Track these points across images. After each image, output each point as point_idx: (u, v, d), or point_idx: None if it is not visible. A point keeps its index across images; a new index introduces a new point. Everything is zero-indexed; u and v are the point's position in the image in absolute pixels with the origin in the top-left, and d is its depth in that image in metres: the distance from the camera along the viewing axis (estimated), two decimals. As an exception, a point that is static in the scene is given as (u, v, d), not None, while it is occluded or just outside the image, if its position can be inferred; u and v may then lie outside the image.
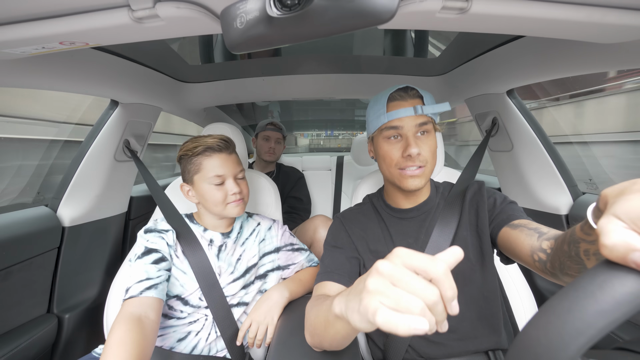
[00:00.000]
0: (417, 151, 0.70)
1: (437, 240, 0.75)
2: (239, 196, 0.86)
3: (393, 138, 0.73)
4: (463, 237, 0.76)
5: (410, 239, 0.79)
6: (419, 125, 0.71)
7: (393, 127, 0.72)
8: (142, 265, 0.77)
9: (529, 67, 0.97)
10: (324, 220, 1.46)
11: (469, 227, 0.77)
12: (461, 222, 0.77)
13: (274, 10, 0.41)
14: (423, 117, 0.71)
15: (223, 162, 0.85)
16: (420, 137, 0.72)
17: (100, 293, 1.29)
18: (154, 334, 0.69)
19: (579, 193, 1.19)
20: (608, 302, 0.25)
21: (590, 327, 0.25)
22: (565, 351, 0.25)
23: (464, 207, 0.78)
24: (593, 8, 0.55)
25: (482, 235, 0.74)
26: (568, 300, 0.27)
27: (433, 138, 0.74)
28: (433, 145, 0.73)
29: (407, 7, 0.53)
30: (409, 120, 0.71)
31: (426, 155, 0.72)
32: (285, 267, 0.97)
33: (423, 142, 0.72)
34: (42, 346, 1.03)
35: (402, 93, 0.73)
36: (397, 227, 0.81)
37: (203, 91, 1.50)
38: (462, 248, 0.69)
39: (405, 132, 0.71)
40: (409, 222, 0.81)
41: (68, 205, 1.17)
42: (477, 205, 0.77)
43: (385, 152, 0.74)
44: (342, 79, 1.48)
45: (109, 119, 1.21)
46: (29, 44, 0.60)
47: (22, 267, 1.00)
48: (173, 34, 0.61)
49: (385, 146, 0.74)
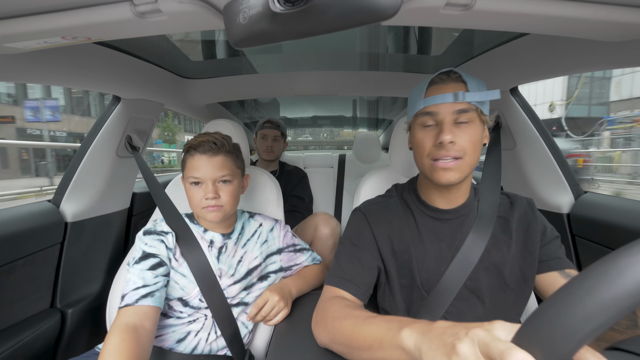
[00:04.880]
0: (450, 138, 0.61)
1: (468, 251, 0.68)
2: (212, 202, 0.80)
3: (429, 126, 0.66)
4: (502, 253, 0.69)
5: (443, 243, 0.71)
6: (457, 113, 0.63)
7: (428, 113, 0.65)
8: (138, 271, 0.76)
9: (533, 65, 0.96)
10: (324, 217, 1.46)
11: (514, 245, 0.69)
12: (504, 237, 0.70)
13: (277, 6, 0.41)
14: (463, 104, 0.63)
15: (202, 164, 0.81)
16: (459, 126, 0.64)
17: (103, 288, 1.30)
18: (149, 343, 0.68)
19: (580, 192, 1.19)
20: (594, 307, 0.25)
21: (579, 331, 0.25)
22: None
23: (511, 222, 0.71)
24: (598, 6, 0.54)
25: (529, 258, 0.68)
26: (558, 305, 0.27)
27: (476, 129, 0.64)
28: (475, 136, 0.64)
29: (410, 3, 0.52)
30: (446, 106, 0.63)
31: (464, 146, 0.63)
32: (287, 269, 0.97)
33: (462, 131, 0.63)
34: (45, 340, 1.04)
35: (443, 77, 0.66)
36: (430, 227, 0.73)
37: (205, 87, 1.50)
38: (497, 264, 0.68)
39: (441, 119, 0.64)
40: (445, 225, 0.72)
41: (71, 200, 1.18)
42: (528, 226, 0.70)
43: (418, 141, 0.68)
44: (345, 76, 1.48)
45: (111, 115, 1.21)
46: (31, 38, 0.60)
47: (25, 262, 1.00)
48: (175, 29, 0.61)
49: (419, 134, 0.68)
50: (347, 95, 1.71)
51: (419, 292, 0.69)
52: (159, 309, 0.74)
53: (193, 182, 0.82)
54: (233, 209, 0.86)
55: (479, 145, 0.66)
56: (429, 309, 0.67)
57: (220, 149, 0.83)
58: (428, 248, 0.70)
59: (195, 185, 0.82)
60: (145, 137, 1.39)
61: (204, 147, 0.82)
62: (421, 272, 0.69)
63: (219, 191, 0.82)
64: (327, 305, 0.65)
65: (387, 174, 1.04)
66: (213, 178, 0.81)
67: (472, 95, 0.62)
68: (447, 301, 0.66)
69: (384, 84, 1.53)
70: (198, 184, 0.82)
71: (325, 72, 1.46)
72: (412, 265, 0.70)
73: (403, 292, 0.71)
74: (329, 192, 2.36)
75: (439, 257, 0.69)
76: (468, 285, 0.67)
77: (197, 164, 0.81)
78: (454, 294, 0.66)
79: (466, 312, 0.67)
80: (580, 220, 1.12)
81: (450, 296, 0.66)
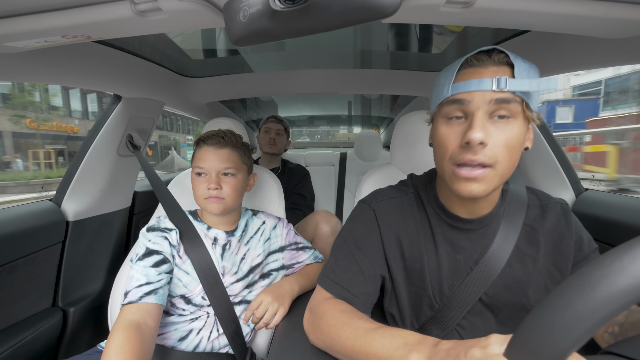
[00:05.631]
0: (481, 137, 0.47)
1: (487, 265, 0.58)
2: (214, 192, 0.81)
3: (455, 119, 0.52)
4: (527, 269, 0.59)
5: (460, 255, 0.60)
6: (496, 103, 0.48)
7: (456, 101, 0.51)
8: (142, 268, 0.76)
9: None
10: (325, 215, 1.46)
11: (541, 260, 0.60)
12: (530, 250, 0.60)
13: (277, 4, 0.41)
14: (505, 94, 0.48)
15: (208, 155, 0.84)
16: (496, 122, 0.50)
17: (105, 287, 1.30)
18: (152, 340, 0.69)
19: (581, 189, 1.19)
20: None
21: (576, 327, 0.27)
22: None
23: (540, 232, 0.60)
24: (598, 2, 0.54)
25: (557, 276, 0.59)
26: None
27: (518, 128, 0.50)
28: (514, 138, 0.50)
29: (411, 0, 0.52)
30: (481, 94, 0.49)
31: (496, 150, 0.49)
32: (289, 267, 0.97)
33: (498, 129, 0.49)
34: (47, 339, 1.05)
35: (483, 57, 0.50)
36: (446, 234, 0.62)
37: (206, 86, 1.50)
38: (520, 281, 0.61)
39: (472, 110, 0.49)
40: (464, 235, 0.61)
41: (72, 199, 1.18)
42: (560, 239, 0.60)
43: (441, 138, 0.54)
44: (345, 74, 1.48)
45: (112, 114, 1.21)
46: (31, 37, 0.60)
47: (27, 261, 1.01)
48: (176, 27, 0.61)
49: (442, 129, 0.54)
50: (347, 93, 1.71)
51: (429, 301, 0.62)
52: (162, 306, 0.74)
53: (198, 172, 0.84)
54: (235, 203, 0.87)
55: (518, 151, 0.51)
56: (439, 322, 0.61)
57: (227, 142, 0.85)
58: (442, 259, 0.61)
59: (200, 176, 0.84)
60: (146, 135, 1.39)
61: (212, 139, 0.84)
62: (433, 283, 0.62)
63: (221, 183, 0.83)
64: (321, 308, 0.59)
65: (388, 172, 1.04)
66: (217, 170, 0.83)
67: (519, 83, 0.48)
68: (459, 315, 0.60)
69: (384, 81, 1.53)
70: (203, 175, 0.84)
71: (325, 70, 1.46)
72: (424, 275, 0.62)
73: (411, 300, 0.65)
74: (330, 190, 2.36)
75: (454, 270, 0.61)
76: (484, 300, 0.60)
77: (203, 155, 0.84)
78: (467, 308, 0.59)
79: (479, 327, 0.61)
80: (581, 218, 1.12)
81: (462, 311, 0.59)
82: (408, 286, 0.64)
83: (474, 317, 0.61)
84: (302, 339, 0.68)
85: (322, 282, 0.65)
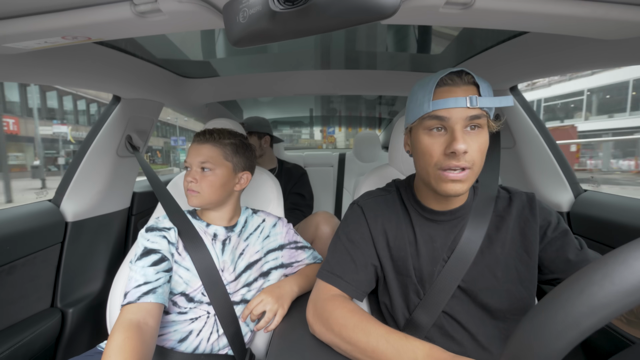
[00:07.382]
0: (464, 148, 0.57)
1: (462, 252, 0.67)
2: (190, 185, 0.85)
3: (436, 130, 0.61)
4: (495, 254, 0.67)
5: (437, 244, 0.70)
6: (470, 119, 0.59)
7: (437, 117, 0.60)
8: (140, 268, 0.76)
9: (533, 63, 0.96)
10: (325, 216, 1.46)
11: (508, 244, 0.68)
12: (498, 235, 0.68)
13: (276, 5, 0.41)
14: (476, 110, 0.59)
15: (192, 150, 0.88)
16: (470, 133, 0.60)
17: (103, 288, 1.30)
18: (153, 340, 0.69)
19: (580, 190, 1.19)
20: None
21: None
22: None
23: (508, 219, 0.69)
24: (597, 4, 0.54)
25: (525, 258, 0.67)
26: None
27: (485, 136, 0.61)
28: (483, 145, 0.61)
29: (410, 2, 0.52)
30: (458, 111, 0.59)
31: (473, 156, 0.60)
32: (288, 265, 0.97)
33: (472, 139, 0.60)
34: (46, 340, 1.04)
35: (455, 78, 0.61)
36: (423, 227, 0.72)
37: (205, 87, 1.50)
38: (490, 265, 0.67)
39: (452, 125, 0.59)
40: (438, 226, 0.71)
41: (71, 200, 1.18)
42: (524, 224, 0.68)
43: (425, 147, 0.63)
44: (344, 75, 1.48)
45: (111, 115, 1.21)
46: (31, 38, 0.60)
47: (26, 262, 1.00)
48: (175, 28, 0.61)
49: (425, 139, 0.62)
50: (346, 93, 1.71)
51: (414, 288, 0.70)
52: (162, 305, 0.74)
53: (185, 166, 0.89)
54: (213, 198, 0.87)
55: (485, 153, 0.63)
56: (426, 308, 0.68)
57: (209, 139, 0.88)
58: (421, 248, 0.70)
59: (187, 170, 0.89)
60: (146, 136, 1.39)
61: (198, 136, 0.89)
62: (417, 271, 0.70)
63: (198, 176, 0.86)
64: (328, 305, 0.65)
65: (386, 173, 1.04)
66: (195, 163, 0.87)
67: (486, 100, 0.58)
68: (444, 300, 0.67)
69: (383, 82, 1.53)
70: (188, 169, 0.88)
71: (324, 71, 1.46)
72: (408, 263, 0.70)
73: (400, 288, 0.72)
74: (329, 191, 2.36)
75: (432, 257, 0.70)
76: (461, 285, 0.67)
77: (189, 150, 0.89)
78: (450, 293, 0.66)
79: (460, 311, 0.68)
80: (580, 219, 1.13)
81: (446, 295, 0.67)
82: (396, 275, 0.72)
83: (456, 303, 0.68)
84: (301, 341, 0.68)
85: (319, 274, 0.73)
